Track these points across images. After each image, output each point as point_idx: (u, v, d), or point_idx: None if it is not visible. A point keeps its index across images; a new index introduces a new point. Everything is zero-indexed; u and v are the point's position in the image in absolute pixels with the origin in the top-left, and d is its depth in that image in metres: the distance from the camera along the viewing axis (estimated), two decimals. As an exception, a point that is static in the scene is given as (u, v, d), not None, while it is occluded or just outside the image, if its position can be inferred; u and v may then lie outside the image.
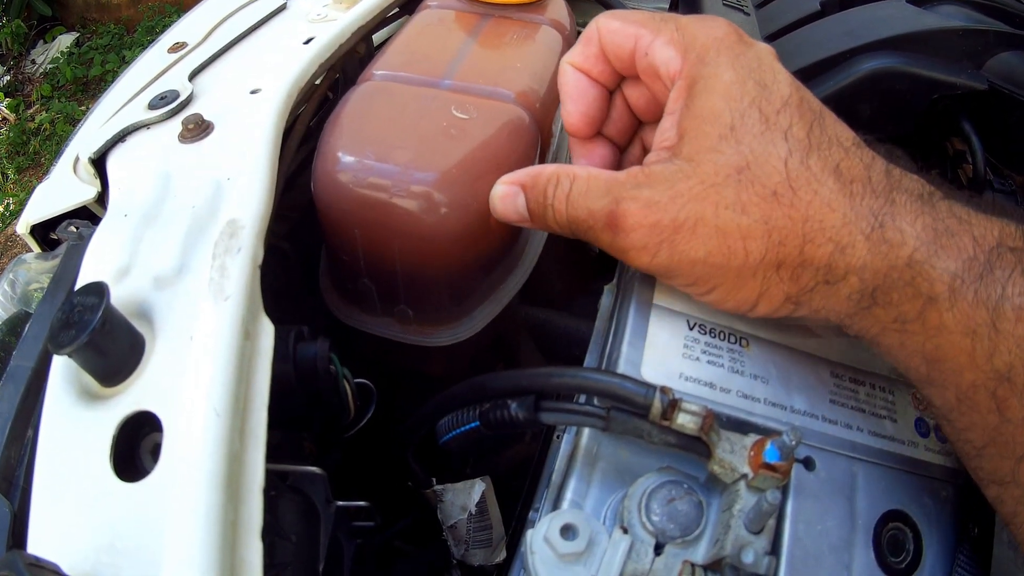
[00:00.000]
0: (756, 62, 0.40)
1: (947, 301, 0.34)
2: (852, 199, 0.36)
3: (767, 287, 0.38)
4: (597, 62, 0.47)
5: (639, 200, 0.39)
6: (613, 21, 0.45)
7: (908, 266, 0.35)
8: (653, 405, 0.36)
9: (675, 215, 0.38)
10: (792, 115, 0.38)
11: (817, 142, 0.37)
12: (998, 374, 0.34)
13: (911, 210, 0.36)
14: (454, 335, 0.61)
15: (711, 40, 0.40)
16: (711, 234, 0.37)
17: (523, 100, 0.60)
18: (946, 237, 0.35)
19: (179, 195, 0.48)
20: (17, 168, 3.26)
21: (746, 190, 0.37)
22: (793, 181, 0.36)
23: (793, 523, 0.38)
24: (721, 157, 0.38)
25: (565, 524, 0.36)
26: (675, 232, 0.38)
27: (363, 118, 0.57)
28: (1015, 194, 0.69)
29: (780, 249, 0.37)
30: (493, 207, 0.47)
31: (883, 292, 0.36)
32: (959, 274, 0.34)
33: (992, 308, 0.34)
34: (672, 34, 0.42)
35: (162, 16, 3.86)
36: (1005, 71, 0.69)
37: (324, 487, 0.51)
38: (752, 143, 0.37)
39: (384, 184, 0.53)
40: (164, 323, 0.41)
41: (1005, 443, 0.34)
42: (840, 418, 0.42)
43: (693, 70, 0.40)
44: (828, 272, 0.37)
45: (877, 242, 0.35)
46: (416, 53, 0.65)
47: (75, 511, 0.35)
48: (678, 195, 0.38)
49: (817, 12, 0.80)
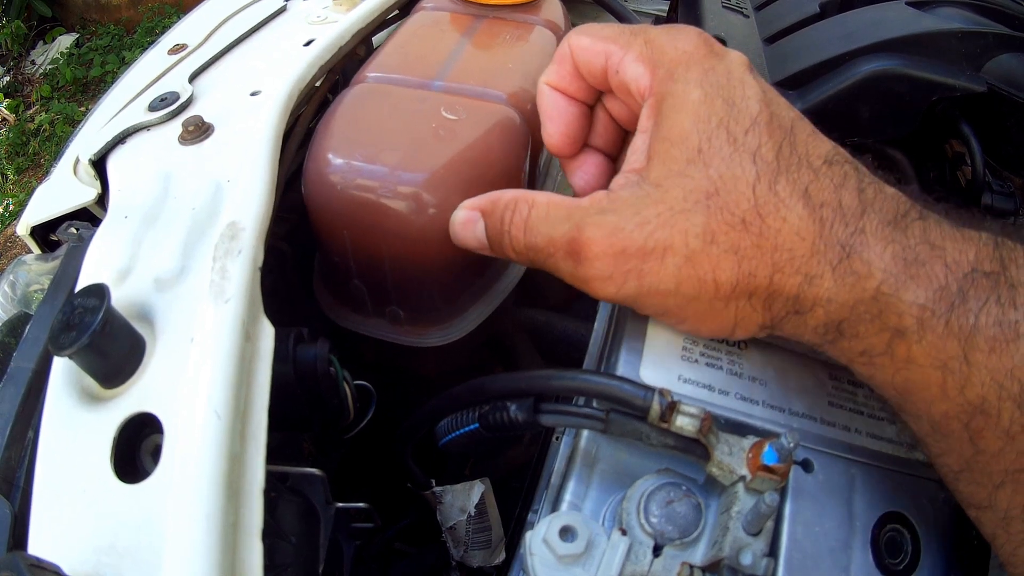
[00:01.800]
0: (725, 77, 0.39)
1: (916, 334, 0.33)
2: (822, 226, 0.35)
3: (742, 315, 0.37)
4: (573, 80, 0.46)
5: (603, 226, 0.37)
6: (583, 38, 0.44)
7: (875, 299, 0.34)
8: (652, 407, 0.36)
9: (642, 243, 0.36)
10: (761, 135, 0.37)
11: (786, 164, 0.36)
12: (971, 406, 0.33)
13: (880, 238, 0.35)
14: (445, 336, 0.61)
15: (680, 54, 0.40)
16: (680, 264, 0.36)
17: (515, 101, 0.60)
18: (916, 266, 0.34)
19: (179, 197, 0.48)
20: (17, 169, 3.26)
21: (715, 217, 0.36)
22: (761, 208, 0.35)
23: (791, 525, 0.38)
24: (689, 182, 0.37)
25: (564, 526, 0.36)
26: (643, 260, 0.37)
27: (354, 120, 0.57)
28: (1014, 196, 0.69)
29: (750, 280, 0.36)
30: (453, 234, 0.46)
31: (850, 325, 0.35)
32: (928, 306, 0.33)
33: (964, 339, 0.32)
34: (641, 50, 0.41)
35: (162, 17, 3.87)
36: (1004, 73, 0.69)
37: (324, 488, 0.51)
38: (720, 167, 0.36)
39: (373, 185, 0.53)
40: (165, 325, 0.41)
41: (981, 471, 0.34)
42: (838, 420, 0.42)
43: (662, 87, 0.39)
44: (796, 303, 0.36)
45: (844, 274, 0.34)
46: (409, 54, 0.65)
47: (76, 512, 0.35)
48: (645, 221, 0.37)
49: (817, 14, 0.80)
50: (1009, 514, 0.33)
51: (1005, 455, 0.32)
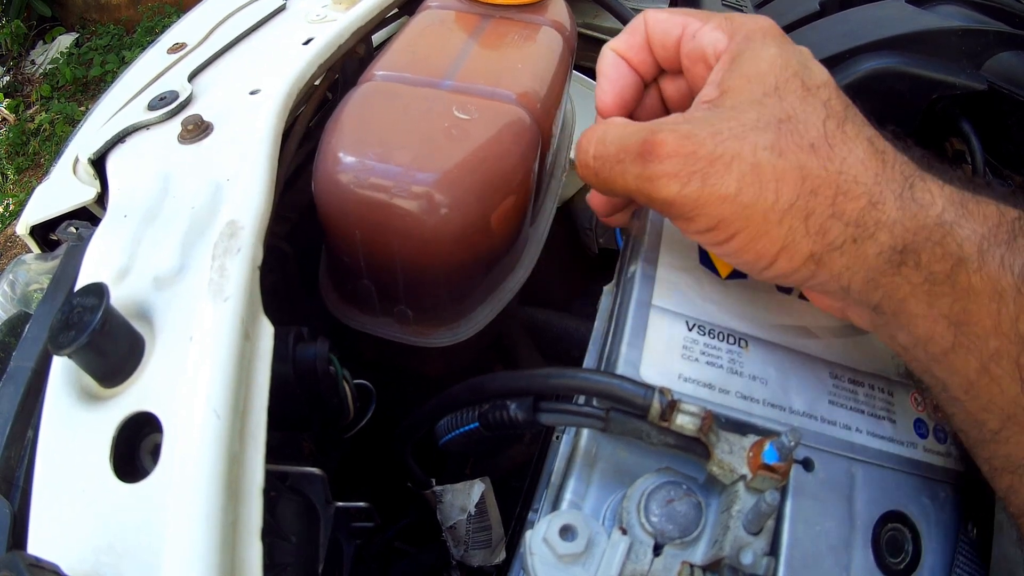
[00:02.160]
0: (796, 52, 0.41)
1: (976, 263, 0.35)
2: (884, 163, 0.37)
3: (791, 239, 0.38)
4: (640, 51, 0.48)
5: (677, 132, 0.39)
6: (660, 13, 0.47)
7: (938, 225, 0.36)
8: (652, 406, 0.36)
9: (712, 149, 0.38)
10: (831, 91, 0.40)
11: (853, 115, 0.39)
12: (1022, 340, 0.34)
13: (937, 180, 0.37)
14: (454, 336, 0.61)
15: (757, 27, 0.42)
16: (746, 170, 0.37)
17: (524, 101, 0.60)
18: (973, 203, 0.36)
19: (179, 196, 0.48)
20: (17, 169, 3.26)
21: (785, 137, 0.38)
22: (830, 138, 0.38)
23: (792, 524, 0.38)
24: (764, 108, 0.39)
25: (564, 525, 0.36)
26: (710, 164, 0.38)
27: (364, 118, 0.57)
28: (1014, 194, 0.69)
29: (811, 198, 0.37)
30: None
31: (912, 251, 0.36)
32: (987, 236, 0.35)
33: (1017, 274, 0.34)
34: (719, 21, 0.44)
35: (161, 17, 3.86)
36: (1005, 71, 0.69)
37: (324, 488, 0.51)
38: (794, 102, 0.39)
39: (385, 185, 0.53)
40: (164, 324, 0.41)
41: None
42: (839, 419, 0.42)
43: (739, 46, 0.42)
44: (858, 227, 0.37)
45: (907, 201, 0.36)
46: (417, 53, 0.65)
47: (75, 512, 0.35)
48: (717, 132, 0.38)
49: (816, 12, 0.80)
50: None
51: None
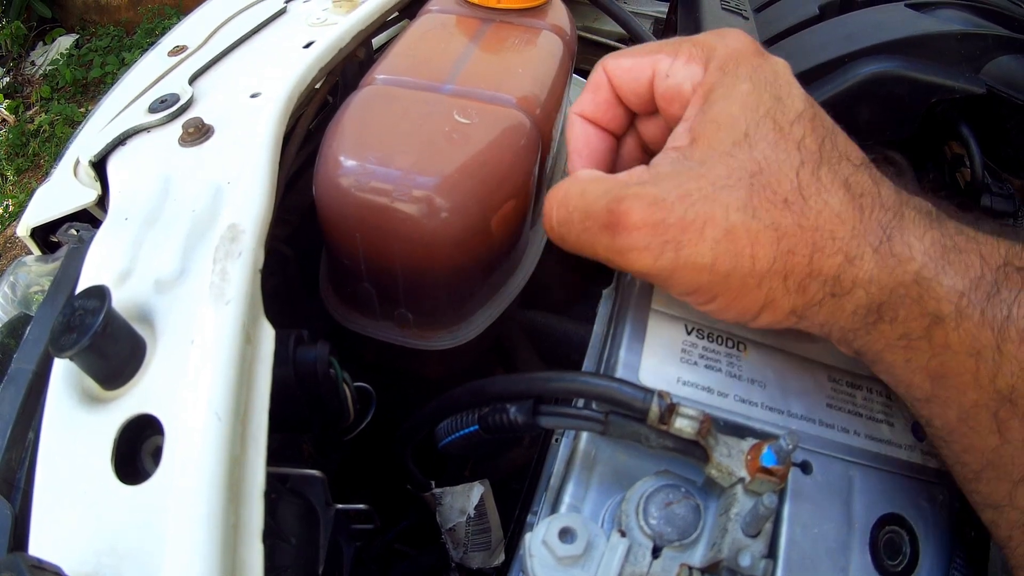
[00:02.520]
0: (772, 76, 0.39)
1: (953, 320, 0.34)
2: (862, 212, 0.36)
3: (772, 297, 0.37)
4: (608, 109, 0.46)
5: (643, 197, 0.37)
6: (622, 60, 0.44)
7: (916, 282, 0.35)
8: (651, 409, 0.37)
9: (683, 214, 0.36)
10: (805, 127, 0.38)
11: (828, 156, 0.37)
12: (1000, 395, 0.33)
13: (919, 225, 0.36)
14: (454, 339, 0.61)
15: (730, 51, 0.40)
16: (720, 237, 0.36)
17: (524, 105, 0.60)
18: (954, 254, 0.35)
19: (179, 199, 0.49)
20: (16, 170, 3.26)
21: (757, 194, 0.36)
22: (804, 190, 0.36)
23: (790, 526, 0.38)
24: (734, 161, 0.37)
25: (563, 527, 0.36)
26: (682, 232, 0.36)
27: (365, 122, 0.57)
28: (1013, 198, 0.69)
29: (789, 258, 0.36)
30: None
31: (889, 308, 0.36)
32: (966, 293, 0.34)
33: (997, 329, 0.33)
34: (690, 51, 0.42)
35: (162, 18, 3.87)
36: (1004, 75, 0.70)
37: (324, 490, 0.51)
38: (765, 150, 0.37)
39: (386, 188, 0.53)
40: (165, 326, 0.41)
41: (1003, 465, 0.34)
42: (837, 422, 0.42)
43: (712, 78, 0.40)
44: (835, 284, 0.36)
45: (885, 256, 0.35)
46: (418, 57, 0.65)
47: (76, 514, 0.35)
48: (686, 194, 0.36)
49: (816, 16, 0.80)
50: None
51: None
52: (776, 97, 0.38)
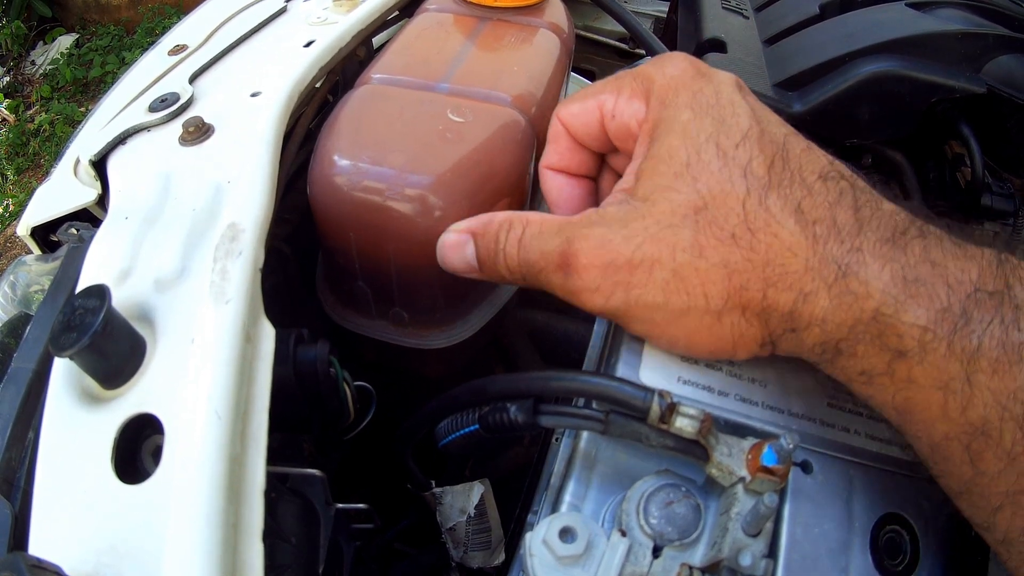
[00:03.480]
0: (714, 97, 0.38)
1: (917, 355, 0.33)
2: (815, 243, 0.34)
3: (738, 331, 0.37)
4: (573, 155, 0.46)
5: (591, 239, 0.37)
6: (571, 105, 0.44)
7: (874, 320, 0.33)
8: (651, 409, 0.36)
9: (630, 255, 0.36)
10: (752, 149, 0.36)
11: (778, 179, 0.35)
12: (972, 427, 0.32)
13: (878, 256, 0.34)
14: (449, 338, 0.61)
15: (668, 80, 0.39)
16: (668, 278, 0.36)
17: (520, 103, 0.60)
18: (916, 286, 0.33)
19: (180, 198, 0.49)
20: (17, 169, 3.26)
21: (703, 232, 0.35)
22: (751, 223, 0.35)
23: (790, 526, 0.38)
24: (677, 195, 0.36)
25: (564, 527, 0.36)
26: (630, 273, 0.36)
27: (359, 121, 0.57)
28: (1013, 197, 0.69)
29: (742, 293, 0.35)
30: (441, 257, 0.45)
31: (848, 345, 0.34)
32: (930, 327, 0.32)
33: (967, 361, 0.32)
34: (632, 86, 0.41)
35: (162, 18, 3.87)
36: (1004, 74, 0.70)
37: (324, 489, 0.51)
38: (709, 181, 0.36)
39: (379, 187, 0.53)
40: (165, 326, 0.41)
41: (980, 494, 0.33)
42: (838, 421, 0.42)
43: (654, 114, 0.39)
44: (791, 320, 0.35)
45: (840, 293, 0.34)
46: (414, 56, 0.65)
47: (76, 513, 0.35)
48: (633, 234, 0.36)
49: (816, 15, 0.80)
50: (1008, 536, 0.33)
51: (1005, 477, 0.32)
52: (718, 120, 0.37)
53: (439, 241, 0.45)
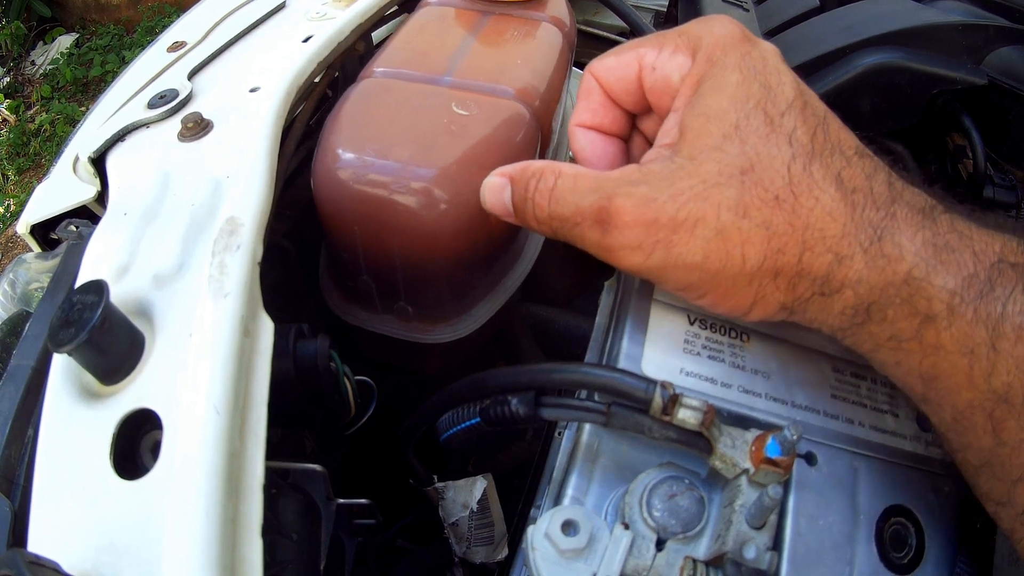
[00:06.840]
0: (761, 63, 0.39)
1: (945, 320, 0.34)
2: (853, 209, 0.35)
3: (762, 294, 0.37)
4: (604, 112, 0.46)
5: (634, 196, 0.37)
6: (606, 59, 0.44)
7: (905, 283, 0.34)
8: (654, 400, 0.36)
9: (674, 214, 0.36)
10: (796, 118, 0.37)
11: (820, 148, 0.36)
12: (996, 394, 0.33)
13: (911, 224, 0.35)
14: (454, 332, 0.61)
15: (717, 39, 0.40)
16: (711, 236, 0.36)
17: (523, 96, 0.60)
18: (946, 252, 0.34)
19: (178, 193, 0.48)
20: (17, 169, 3.26)
21: (749, 192, 0.36)
22: (795, 186, 0.35)
23: (795, 518, 0.38)
24: (725, 157, 0.36)
25: (566, 520, 0.36)
26: (673, 232, 0.36)
27: (363, 115, 0.57)
28: (1015, 189, 0.69)
29: (779, 257, 0.36)
30: (482, 198, 0.45)
31: (879, 308, 0.35)
32: (958, 292, 0.33)
33: (992, 327, 0.33)
34: (676, 41, 0.41)
35: (161, 16, 3.86)
36: (1005, 66, 0.69)
37: (325, 485, 0.51)
38: (756, 144, 0.36)
39: (384, 181, 0.53)
40: (164, 321, 0.41)
41: (1001, 465, 0.34)
42: (842, 413, 0.42)
43: (700, 69, 0.39)
44: (824, 284, 0.36)
45: (875, 256, 0.35)
46: (417, 50, 0.65)
47: (75, 509, 0.35)
48: (678, 193, 0.36)
49: (817, 7, 0.80)
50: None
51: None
52: (766, 86, 0.38)
53: (484, 182, 0.45)
